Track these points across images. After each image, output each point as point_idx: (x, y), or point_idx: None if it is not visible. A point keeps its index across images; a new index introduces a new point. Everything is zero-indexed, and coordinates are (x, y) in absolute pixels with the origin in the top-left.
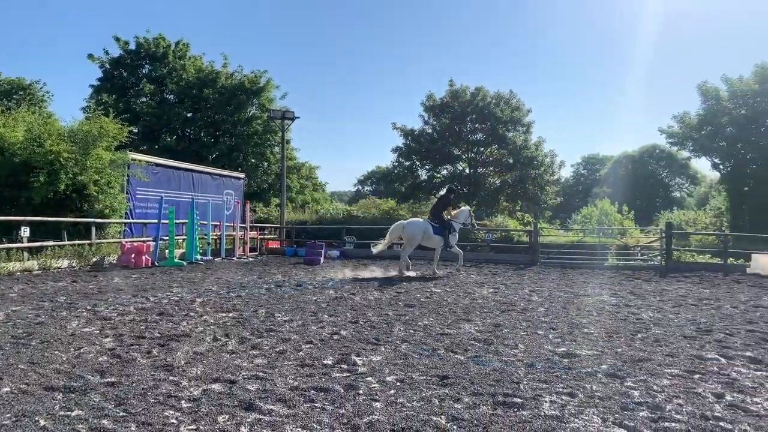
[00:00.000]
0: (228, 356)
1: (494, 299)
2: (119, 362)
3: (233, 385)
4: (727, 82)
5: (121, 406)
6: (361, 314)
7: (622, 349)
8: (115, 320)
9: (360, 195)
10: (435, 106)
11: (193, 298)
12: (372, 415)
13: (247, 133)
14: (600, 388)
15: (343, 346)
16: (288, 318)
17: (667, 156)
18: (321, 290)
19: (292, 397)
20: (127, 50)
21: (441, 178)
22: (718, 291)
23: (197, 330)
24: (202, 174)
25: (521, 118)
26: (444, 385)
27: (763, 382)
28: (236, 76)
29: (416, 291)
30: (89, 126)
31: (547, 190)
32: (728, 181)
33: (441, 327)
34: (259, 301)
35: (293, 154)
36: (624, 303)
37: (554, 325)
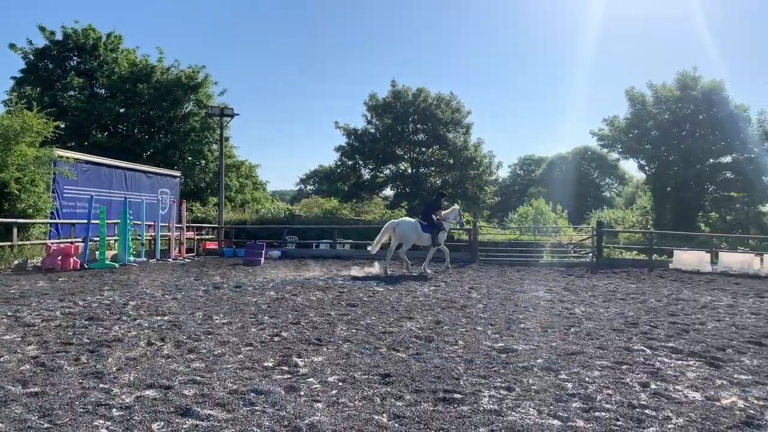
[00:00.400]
0: (163, 361)
1: (435, 297)
2: (44, 371)
3: (169, 391)
4: (652, 88)
5: (45, 418)
6: (303, 315)
7: (557, 343)
8: (40, 326)
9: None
10: (378, 106)
11: (125, 301)
12: (313, 416)
13: (184, 130)
14: (536, 381)
15: (284, 347)
16: (227, 320)
17: (598, 157)
18: (261, 291)
19: (231, 401)
20: (53, 41)
21: (384, 177)
22: (644, 286)
23: (130, 335)
24: (136, 172)
25: (461, 119)
26: (386, 384)
27: (684, 370)
28: (172, 71)
29: (359, 290)
30: (10, 120)
31: (485, 190)
32: (653, 182)
33: (383, 325)
34: (196, 303)
35: (232, 151)
36: (558, 298)
37: (492, 321)
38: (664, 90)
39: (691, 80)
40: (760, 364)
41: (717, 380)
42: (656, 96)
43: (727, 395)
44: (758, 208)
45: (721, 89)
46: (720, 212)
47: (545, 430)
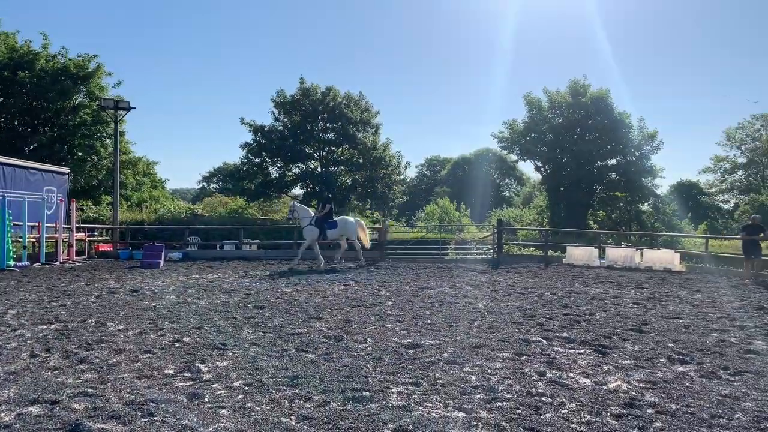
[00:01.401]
0: (49, 373)
1: (345, 296)
2: None
3: (56, 406)
4: (547, 93)
5: None
6: (207, 319)
7: (461, 337)
8: None
9: (205, 193)
10: (286, 102)
11: (5, 309)
12: (218, 423)
13: (74, 123)
14: (442, 375)
15: (186, 353)
16: (123, 327)
17: (499, 159)
18: (161, 296)
19: (128, 413)
20: None
21: (293, 176)
22: (540, 280)
23: (10, 346)
24: (16, 168)
25: (370, 119)
26: (294, 386)
27: (576, 358)
28: (59, 59)
29: (266, 292)
30: None
31: (394, 189)
32: (548, 182)
33: (292, 327)
34: (87, 310)
35: (128, 147)
36: (462, 294)
37: (401, 317)
38: (558, 96)
39: (582, 88)
40: (641, 349)
41: (604, 366)
42: (551, 101)
43: (612, 379)
44: (639, 207)
45: (607, 97)
46: (606, 210)
47: (451, 422)
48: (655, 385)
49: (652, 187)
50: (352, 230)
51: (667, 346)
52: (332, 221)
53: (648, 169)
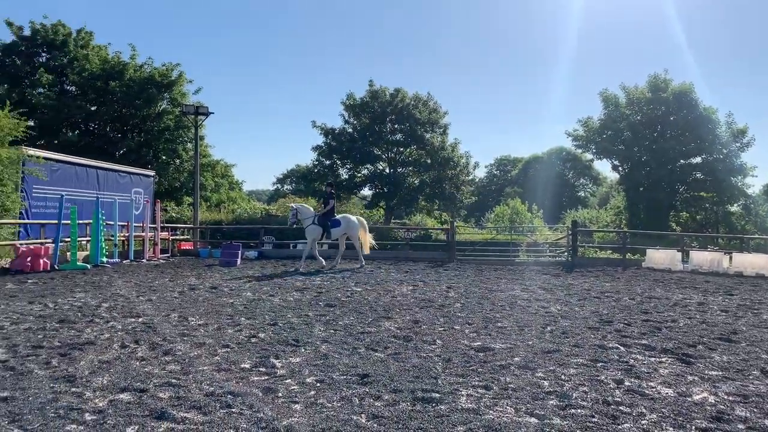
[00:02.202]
0: (137, 364)
1: (413, 296)
2: (13, 375)
3: (143, 394)
4: (624, 90)
5: (15, 423)
6: (281, 316)
7: (533, 342)
8: (8, 329)
9: (279, 194)
10: (355, 105)
11: (98, 303)
12: (291, 417)
13: (158, 128)
14: (513, 379)
15: (261, 348)
16: (203, 322)
17: (573, 158)
18: (238, 292)
19: (208, 404)
20: (21, 36)
21: (361, 177)
22: (618, 284)
23: (103, 337)
24: (108, 171)
25: (438, 119)
26: (364, 384)
27: (657, 367)
28: (146, 69)
29: (337, 291)
30: None
31: (462, 190)
32: (626, 182)
33: (362, 326)
34: (171, 305)
35: (207, 151)
36: (534, 297)
37: (470, 320)
38: (637, 92)
39: (662, 83)
40: (730, 360)
41: (688, 376)
42: (629, 98)
43: (698, 391)
44: (727, 208)
45: (690, 91)
46: (690, 212)
47: (522, 428)
48: (747, 399)
49: (742, 186)
50: (355, 230)
51: (760, 357)
52: (335, 219)
53: (737, 168)
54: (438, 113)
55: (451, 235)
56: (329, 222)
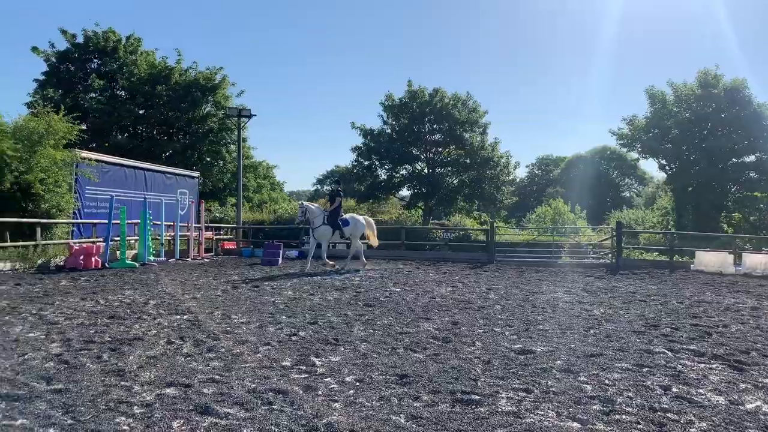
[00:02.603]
0: (183, 359)
1: (452, 297)
2: (67, 368)
3: (188, 389)
4: (672, 86)
5: (69, 414)
6: (320, 315)
7: (576, 345)
8: (63, 324)
9: (319, 194)
10: (394, 106)
11: (145, 300)
12: (331, 415)
13: (202, 131)
14: (555, 383)
15: (301, 347)
16: (245, 319)
17: (618, 157)
18: (279, 291)
19: (250, 400)
20: (74, 43)
21: (400, 177)
22: (665, 287)
23: (150, 333)
24: (155, 173)
25: (478, 119)
26: (403, 384)
27: (707, 374)
28: (191, 73)
29: (375, 291)
30: (36, 123)
31: (503, 190)
32: (674, 182)
33: (400, 326)
34: (214, 302)
35: (250, 152)
36: (577, 300)
37: (510, 322)
38: (685, 88)
39: (713, 78)
40: None
41: (741, 384)
42: (677, 95)
43: (751, 399)
44: None
45: (743, 87)
46: (743, 212)
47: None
48: None
49: None
50: (362, 230)
51: None
52: (344, 218)
53: None
54: (477, 112)
55: (491, 236)
56: (340, 221)
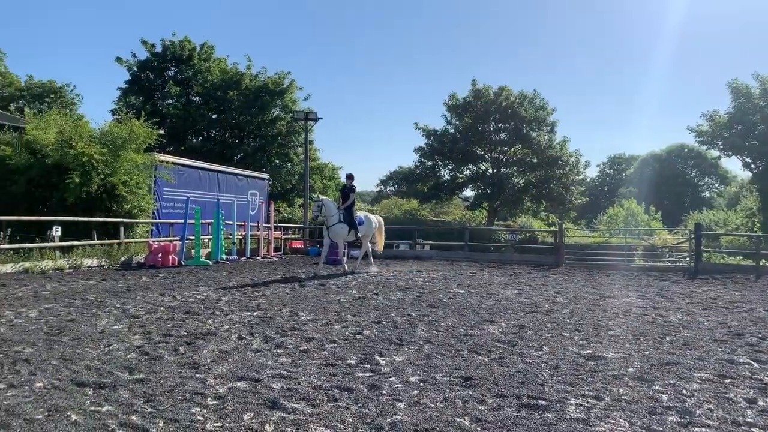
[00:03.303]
0: (253, 355)
1: (518, 300)
2: (147, 359)
3: (258, 384)
4: (758, 79)
5: (149, 403)
6: (384, 314)
7: (650, 352)
8: (143, 318)
9: (382, 195)
10: (458, 105)
11: (218, 296)
12: (395, 415)
13: (271, 134)
14: (627, 391)
15: (366, 345)
16: (311, 317)
17: (696, 155)
18: (344, 290)
19: (316, 396)
20: (153, 53)
21: (464, 178)
22: (750, 294)
23: (223, 328)
24: (227, 174)
25: (545, 117)
26: (468, 387)
27: None
28: (260, 78)
29: (439, 292)
30: (119, 129)
31: (572, 190)
32: (760, 181)
33: (464, 328)
34: (283, 300)
35: (316, 154)
36: (651, 305)
37: (580, 326)
38: None
39: None
40: None
41: None
42: (763, 88)
43: None
44: None
45: None
46: None
47: None
48: None
49: None
50: (374, 230)
51: None
52: (359, 217)
53: None
54: (545, 110)
55: (560, 238)
56: (356, 219)
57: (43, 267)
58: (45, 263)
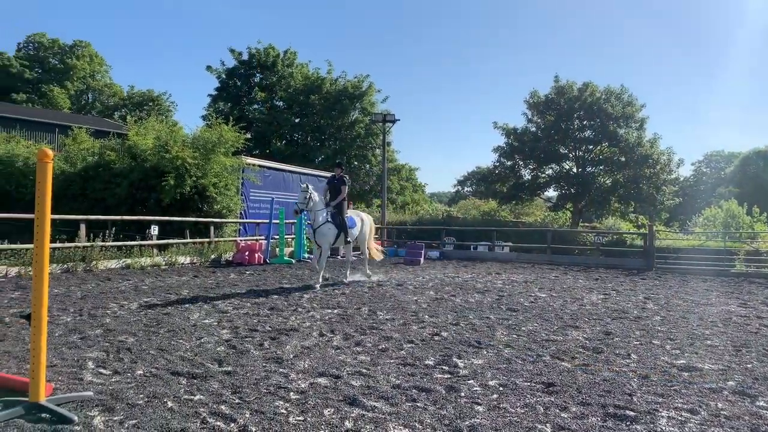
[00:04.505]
0: (333, 351)
1: (604, 306)
2: (235, 353)
3: (338, 380)
4: None
5: (236, 394)
6: (462, 317)
7: (753, 365)
8: (231, 313)
9: (460, 196)
10: (539, 103)
11: (300, 294)
12: (474, 418)
13: (350, 136)
14: (726, 406)
15: (444, 347)
16: (389, 317)
17: None
18: (422, 291)
19: (395, 395)
20: (240, 61)
21: (546, 177)
22: None
23: (305, 325)
24: (309, 176)
25: (634, 113)
26: (549, 393)
27: None
28: (340, 82)
29: (519, 295)
30: (210, 133)
31: (663, 191)
32: None
33: (546, 333)
34: (362, 299)
35: (394, 156)
36: (755, 314)
37: (672, 335)
38: None
39: None
40: None
41: None
42: None
43: None
44: None
45: None
46: None
47: None
48: None
49: None
50: (367, 231)
51: None
52: (350, 216)
53: None
54: (633, 106)
55: (650, 241)
56: (348, 220)
57: (142, 263)
58: (144, 260)
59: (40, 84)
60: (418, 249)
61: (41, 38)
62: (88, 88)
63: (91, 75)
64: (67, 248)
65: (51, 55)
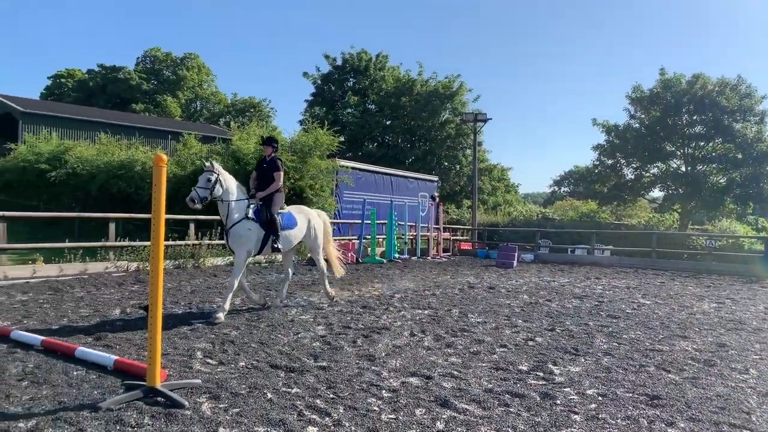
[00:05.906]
0: (424, 352)
1: (717, 315)
2: (329, 349)
3: (429, 381)
4: None
5: (331, 389)
6: (558, 322)
7: None
8: (326, 310)
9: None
10: (643, 98)
11: (392, 293)
12: (570, 427)
13: (441, 137)
14: None
15: (538, 353)
16: (481, 320)
17: None
18: (515, 294)
19: (486, 399)
20: (334, 66)
21: (650, 177)
22: None
23: (396, 324)
24: (399, 177)
25: (752, 106)
26: (654, 406)
27: None
28: (431, 83)
29: (621, 301)
30: (306, 138)
31: None
32: None
33: (650, 342)
34: (452, 300)
35: (485, 156)
36: None
37: None
38: None
39: None
40: None
41: None
42: None
43: None
44: None
45: None
46: None
47: None
48: None
49: None
50: (320, 234)
51: None
52: (287, 213)
53: None
54: (752, 98)
55: None
56: (282, 217)
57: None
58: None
59: (155, 94)
60: (511, 251)
61: (156, 52)
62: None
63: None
64: (179, 246)
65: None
